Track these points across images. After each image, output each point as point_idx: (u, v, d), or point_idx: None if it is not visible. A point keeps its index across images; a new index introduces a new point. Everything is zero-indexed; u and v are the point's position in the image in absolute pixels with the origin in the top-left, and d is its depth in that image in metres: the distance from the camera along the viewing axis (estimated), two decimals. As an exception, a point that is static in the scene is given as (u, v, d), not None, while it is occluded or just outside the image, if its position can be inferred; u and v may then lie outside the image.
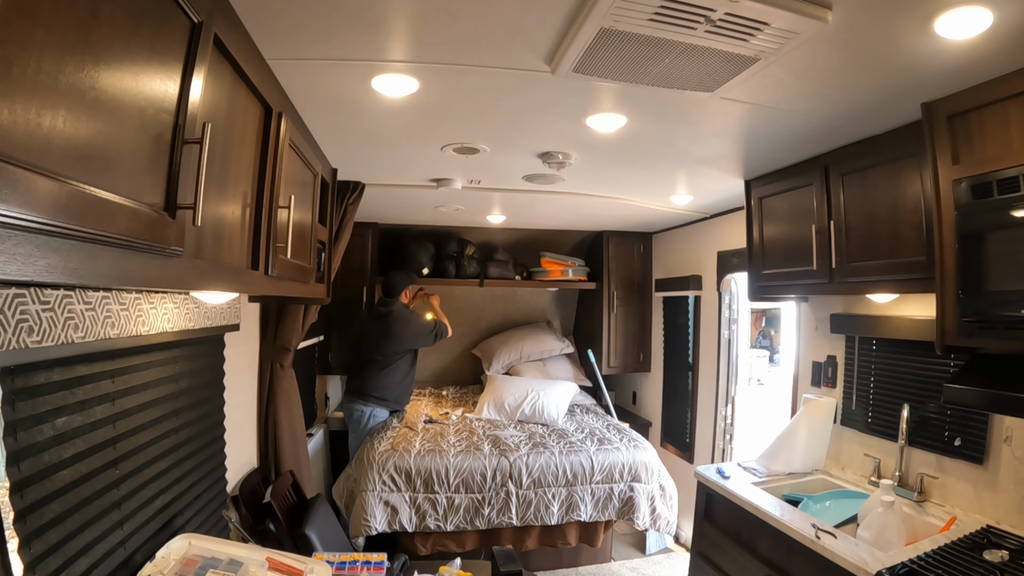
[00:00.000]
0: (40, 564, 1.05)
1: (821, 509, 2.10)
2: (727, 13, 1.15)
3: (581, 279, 4.40)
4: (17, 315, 0.96)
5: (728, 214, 3.32)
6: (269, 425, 2.46)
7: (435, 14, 1.20)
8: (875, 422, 2.29)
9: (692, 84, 1.51)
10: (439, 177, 2.68)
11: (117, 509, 1.31)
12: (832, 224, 2.05)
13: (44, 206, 0.60)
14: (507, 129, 1.95)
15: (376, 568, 1.67)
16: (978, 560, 1.51)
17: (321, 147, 2.14)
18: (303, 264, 1.78)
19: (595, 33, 1.23)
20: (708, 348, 3.55)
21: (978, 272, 1.45)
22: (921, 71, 1.40)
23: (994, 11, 1.11)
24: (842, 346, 2.48)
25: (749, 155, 2.21)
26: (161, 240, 0.84)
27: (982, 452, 1.84)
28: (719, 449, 3.42)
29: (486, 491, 3.00)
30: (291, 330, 2.48)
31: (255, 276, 1.34)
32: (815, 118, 1.77)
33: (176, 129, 0.88)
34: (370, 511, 2.88)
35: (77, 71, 0.65)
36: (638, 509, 3.11)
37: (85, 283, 0.75)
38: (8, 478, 1.01)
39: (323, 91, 1.62)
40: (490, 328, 4.93)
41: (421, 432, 3.41)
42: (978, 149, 1.46)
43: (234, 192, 1.21)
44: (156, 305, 1.45)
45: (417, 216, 3.92)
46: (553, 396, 3.83)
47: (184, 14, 0.89)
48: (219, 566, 1.38)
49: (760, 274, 2.51)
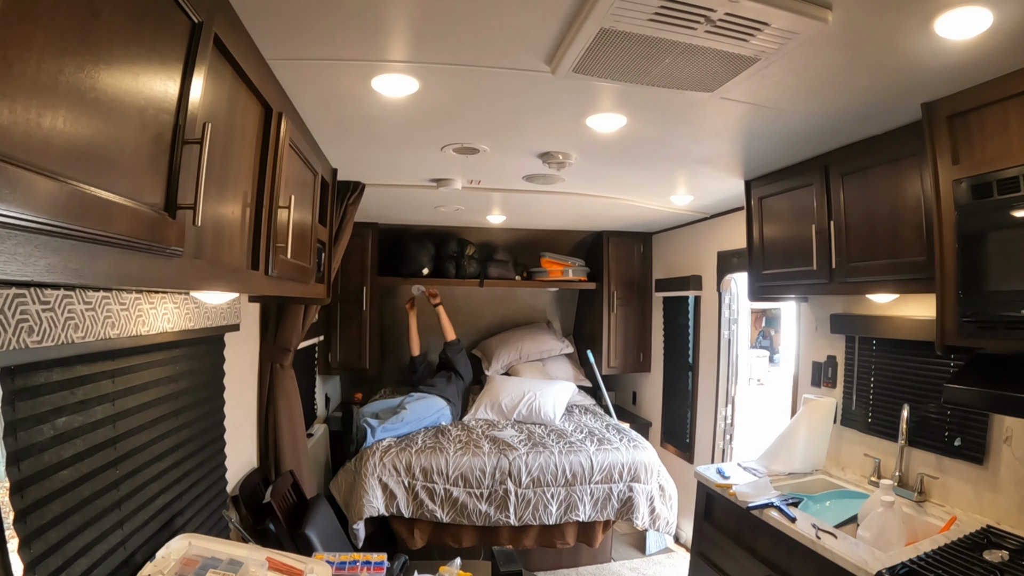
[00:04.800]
0: (40, 564, 1.05)
1: (821, 509, 2.10)
2: (727, 13, 1.15)
3: (581, 279, 4.40)
4: (17, 315, 0.96)
5: (728, 214, 3.32)
6: (269, 425, 2.46)
7: (435, 14, 1.20)
8: (875, 422, 2.29)
9: (692, 84, 1.51)
10: (439, 177, 2.68)
11: (117, 509, 1.31)
12: (832, 224, 2.04)
13: (44, 206, 0.60)
14: (507, 129, 1.95)
15: (376, 568, 1.67)
16: (978, 560, 1.51)
17: (321, 147, 2.14)
18: (303, 264, 1.78)
19: (595, 33, 1.23)
20: (708, 348, 3.55)
21: (978, 272, 1.45)
22: (921, 71, 1.40)
23: (994, 11, 1.11)
24: (842, 346, 2.48)
25: (749, 155, 2.21)
26: (161, 240, 0.84)
27: (982, 452, 1.84)
28: (719, 449, 3.41)
29: (484, 488, 3.01)
30: (291, 330, 2.48)
31: (255, 276, 1.34)
32: (815, 118, 1.77)
33: (176, 129, 0.88)
34: (371, 492, 2.92)
35: (77, 71, 0.65)
36: (637, 509, 3.11)
37: (85, 283, 0.75)
38: (8, 478, 1.01)
39: (323, 91, 1.62)
40: (490, 328, 4.93)
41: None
42: (978, 149, 1.46)
43: (234, 192, 1.21)
44: (156, 305, 1.45)
45: (417, 216, 3.92)
46: (550, 396, 3.83)
47: (184, 14, 0.89)
48: (219, 566, 1.38)
49: (760, 274, 2.51)
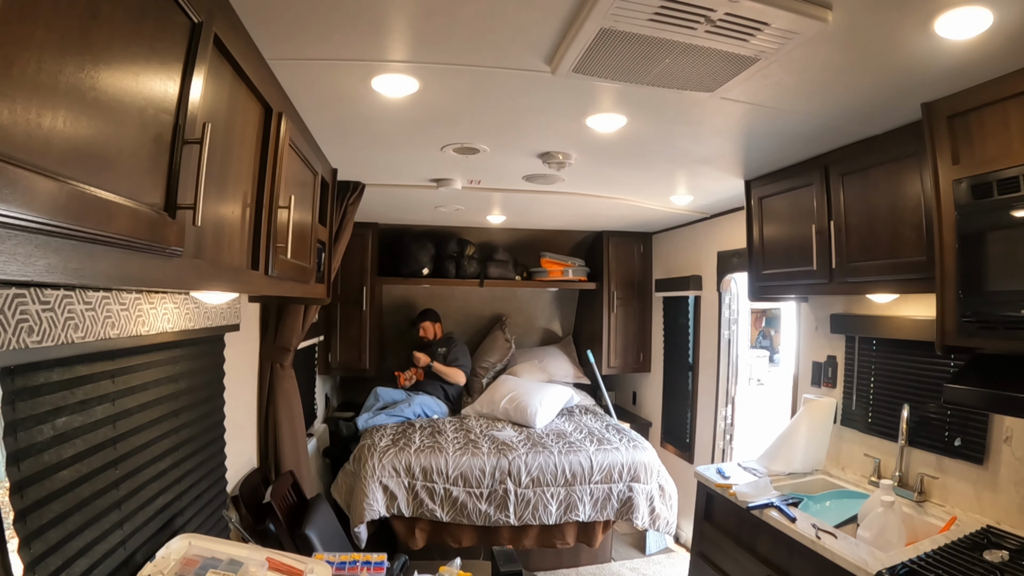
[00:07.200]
0: (40, 564, 1.05)
1: (821, 509, 2.10)
2: (727, 13, 1.15)
3: (581, 279, 4.40)
4: (17, 315, 0.96)
5: (728, 214, 3.31)
6: (269, 425, 2.46)
7: (435, 14, 1.20)
8: (875, 422, 2.29)
9: (692, 84, 1.51)
10: (439, 177, 2.68)
11: (117, 509, 1.31)
12: (832, 224, 2.04)
13: (44, 206, 0.60)
14: (507, 129, 1.95)
15: (376, 568, 1.67)
16: (978, 560, 1.51)
17: (321, 147, 2.14)
18: (303, 264, 1.78)
19: (595, 33, 1.23)
20: (708, 348, 3.55)
21: (978, 272, 1.45)
22: (921, 71, 1.40)
23: (994, 11, 1.11)
24: (842, 346, 2.48)
25: (749, 155, 2.21)
26: (161, 240, 0.84)
27: (982, 452, 1.84)
28: (719, 449, 3.41)
29: (484, 487, 3.01)
30: (291, 330, 2.48)
31: (255, 276, 1.34)
32: (815, 118, 1.77)
33: (176, 129, 0.88)
34: (371, 495, 2.92)
35: (77, 71, 0.65)
36: (637, 509, 3.11)
37: (85, 283, 0.75)
38: (8, 478, 1.01)
39: (323, 91, 1.62)
40: (490, 328, 4.92)
41: (419, 430, 3.45)
42: (978, 149, 1.46)
43: (234, 192, 1.21)
44: (156, 305, 1.45)
45: (417, 216, 3.92)
46: (537, 398, 3.79)
47: (184, 14, 0.89)
48: (219, 566, 1.38)
49: (760, 274, 2.51)
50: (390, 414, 3.66)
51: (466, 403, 4.16)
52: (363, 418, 3.61)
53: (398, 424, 3.60)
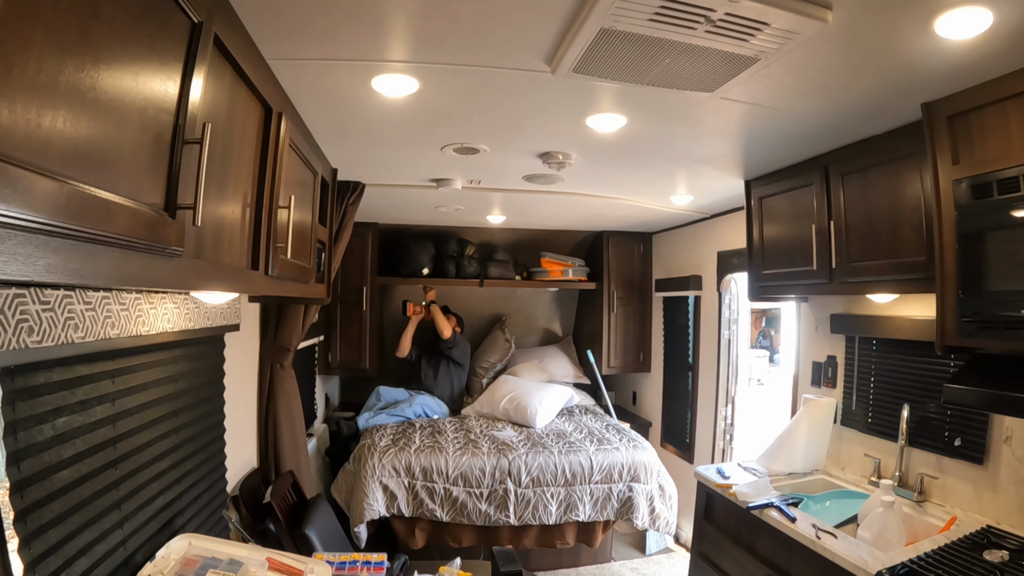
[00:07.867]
0: (40, 564, 1.05)
1: (821, 509, 2.10)
2: (727, 13, 1.15)
3: (581, 279, 4.40)
4: (17, 315, 0.96)
5: (728, 214, 3.31)
6: (269, 425, 2.46)
7: (435, 14, 1.20)
8: (875, 422, 2.29)
9: (692, 84, 1.51)
10: (439, 177, 2.68)
11: (117, 509, 1.31)
12: (832, 224, 2.04)
13: (44, 206, 0.60)
14: (507, 129, 1.95)
15: (376, 568, 1.67)
16: (978, 560, 1.51)
17: (321, 147, 2.14)
18: (303, 264, 1.78)
19: (595, 33, 1.23)
20: (708, 348, 3.55)
21: (978, 272, 1.45)
22: (921, 71, 1.40)
23: (994, 11, 1.11)
24: (842, 346, 2.48)
25: (749, 155, 2.21)
26: (161, 240, 0.84)
27: (982, 452, 1.84)
28: (719, 449, 3.41)
29: (484, 487, 3.01)
30: (291, 330, 2.48)
31: (255, 276, 1.34)
32: (815, 118, 1.77)
33: (176, 129, 0.88)
34: (371, 495, 2.93)
35: (77, 71, 0.65)
36: (637, 509, 3.11)
37: (85, 283, 0.75)
38: (8, 478, 1.01)
39: (323, 91, 1.62)
40: (490, 328, 4.92)
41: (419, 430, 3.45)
42: (978, 149, 1.46)
43: (234, 192, 1.21)
44: (156, 305, 1.45)
45: (417, 216, 3.92)
46: (537, 398, 3.79)
47: (184, 14, 0.89)
48: (219, 566, 1.38)
49: (760, 274, 2.51)
50: (391, 414, 3.67)
51: (466, 403, 4.16)
52: (364, 417, 3.62)
53: (398, 424, 3.61)
